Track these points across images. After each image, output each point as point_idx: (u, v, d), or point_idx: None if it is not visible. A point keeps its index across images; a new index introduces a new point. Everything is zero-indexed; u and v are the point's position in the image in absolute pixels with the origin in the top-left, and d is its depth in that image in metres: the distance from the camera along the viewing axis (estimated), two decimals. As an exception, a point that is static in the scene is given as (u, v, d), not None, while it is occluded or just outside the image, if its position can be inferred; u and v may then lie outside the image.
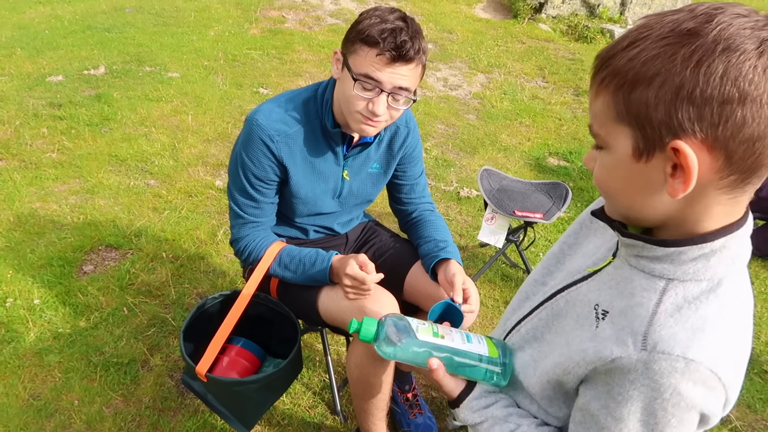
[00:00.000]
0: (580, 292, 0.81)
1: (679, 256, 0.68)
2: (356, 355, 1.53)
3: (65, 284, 2.34)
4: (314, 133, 1.47)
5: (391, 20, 1.28)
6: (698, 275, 0.68)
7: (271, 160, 1.44)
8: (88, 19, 5.37)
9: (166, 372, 2.02)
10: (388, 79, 1.30)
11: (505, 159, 3.73)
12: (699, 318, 0.66)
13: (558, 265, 0.92)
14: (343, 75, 1.36)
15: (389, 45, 1.26)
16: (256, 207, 1.52)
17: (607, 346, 0.70)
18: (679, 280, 0.69)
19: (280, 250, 1.52)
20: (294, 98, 1.47)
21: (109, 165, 3.18)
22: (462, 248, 2.86)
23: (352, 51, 1.32)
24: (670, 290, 0.69)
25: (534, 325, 0.87)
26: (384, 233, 1.80)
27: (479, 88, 4.79)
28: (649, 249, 0.71)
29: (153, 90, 4.03)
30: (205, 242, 2.66)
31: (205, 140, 3.51)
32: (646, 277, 0.72)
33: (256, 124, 1.42)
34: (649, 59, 0.60)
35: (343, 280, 1.40)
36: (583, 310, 0.78)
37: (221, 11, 5.79)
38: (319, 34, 5.47)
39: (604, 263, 0.81)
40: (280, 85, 4.37)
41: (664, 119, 0.60)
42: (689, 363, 0.64)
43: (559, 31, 6.22)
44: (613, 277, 0.77)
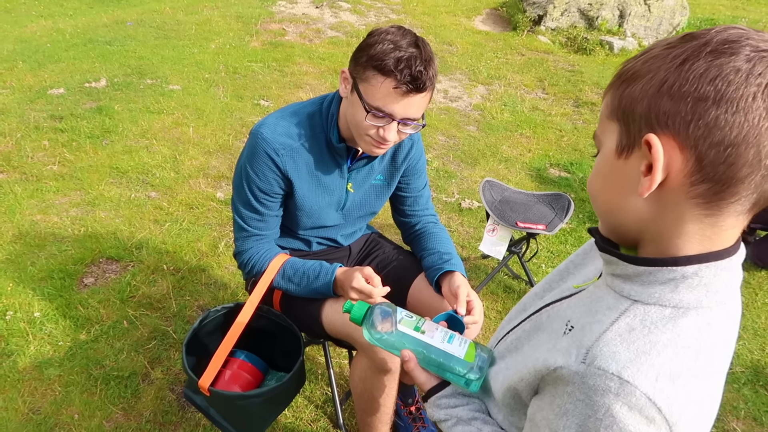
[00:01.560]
0: (561, 308, 0.80)
1: (648, 277, 0.66)
2: (360, 369, 1.51)
3: (66, 297, 2.32)
4: (319, 147, 1.47)
5: (404, 47, 1.26)
6: (663, 300, 0.65)
7: (275, 173, 1.44)
8: (90, 33, 5.40)
9: (167, 385, 2.01)
10: (401, 110, 1.31)
11: (506, 170, 3.73)
12: (647, 342, 0.63)
13: (560, 282, 0.91)
14: (353, 98, 1.35)
15: (405, 78, 1.25)
16: (260, 220, 1.51)
17: (554, 355, 0.69)
18: (643, 303, 0.66)
19: (284, 263, 1.51)
20: (299, 111, 1.47)
21: (110, 177, 3.17)
22: (464, 260, 2.85)
23: (364, 78, 1.30)
24: (630, 312, 0.66)
25: (518, 335, 0.86)
26: (387, 245, 1.80)
27: (479, 99, 4.80)
28: (622, 267, 0.68)
29: (154, 102, 4.04)
30: (206, 254, 2.65)
31: (206, 152, 3.51)
32: (615, 297, 0.69)
33: (261, 138, 1.41)
34: (649, 59, 0.62)
35: (349, 293, 1.38)
36: (558, 326, 0.77)
37: (222, 24, 5.82)
38: (319, 46, 5.50)
39: (590, 282, 0.81)
40: (281, 97, 4.38)
41: (644, 112, 0.61)
42: (623, 384, 0.61)
43: (559, 43, 6.26)
44: (590, 295, 0.75)
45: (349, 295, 1.38)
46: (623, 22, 6.43)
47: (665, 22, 6.55)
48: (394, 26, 1.32)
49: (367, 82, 1.30)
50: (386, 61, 1.25)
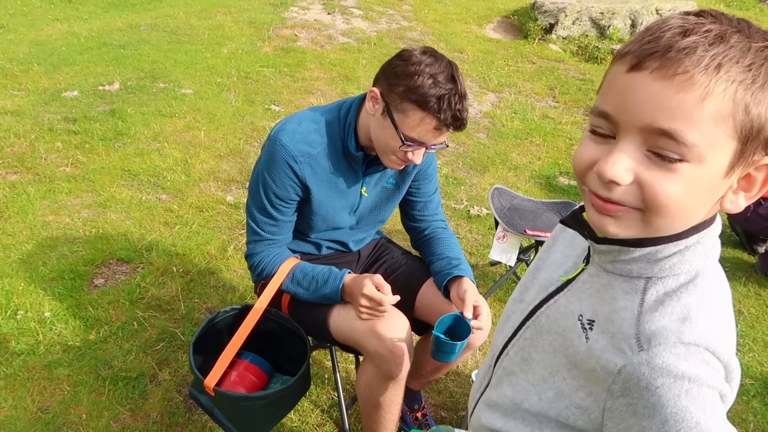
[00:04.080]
0: (560, 305, 0.79)
1: (655, 255, 0.68)
2: (366, 376, 1.52)
3: (76, 297, 2.35)
4: (336, 153, 1.48)
5: (443, 82, 1.29)
6: (675, 270, 0.68)
7: (293, 181, 1.45)
8: (104, 36, 5.46)
9: (175, 387, 2.02)
10: (434, 140, 1.36)
11: (516, 178, 3.73)
12: (682, 307, 0.67)
13: (533, 280, 0.89)
14: (384, 122, 1.37)
15: (447, 119, 1.29)
16: (274, 225, 1.52)
17: (608, 357, 0.68)
18: (657, 277, 0.69)
19: (294, 267, 1.52)
20: (317, 118, 1.48)
21: (122, 179, 3.20)
22: (472, 267, 2.83)
23: (401, 109, 1.32)
24: (650, 288, 0.69)
25: (521, 346, 0.83)
26: (396, 250, 1.80)
27: (489, 107, 4.81)
28: (626, 252, 0.70)
29: (166, 106, 4.08)
30: (215, 257, 2.67)
31: (217, 156, 3.54)
32: (624, 280, 0.71)
33: (279, 144, 1.42)
34: (763, 65, 0.56)
35: (359, 300, 1.39)
36: (567, 323, 0.76)
37: (235, 29, 5.87)
38: (330, 52, 5.53)
39: (577, 271, 0.79)
40: (292, 102, 4.40)
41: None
42: (689, 347, 0.64)
43: (570, 51, 6.25)
44: (591, 285, 0.75)
45: (359, 301, 1.39)
46: (635, 31, 6.41)
47: (677, 32, 6.52)
48: (426, 51, 1.33)
49: (404, 114, 1.32)
50: (428, 100, 1.28)
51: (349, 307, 1.49)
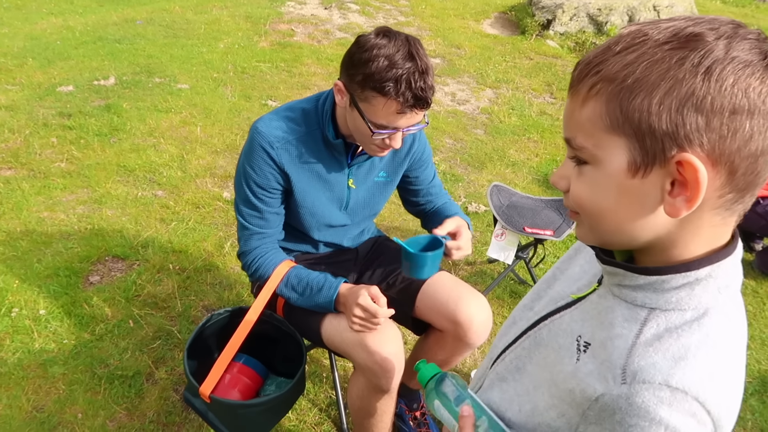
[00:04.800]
0: (563, 321, 0.76)
1: (662, 285, 0.64)
2: (357, 387, 1.51)
3: (71, 295, 2.32)
4: (315, 142, 1.46)
5: (400, 63, 1.23)
6: (682, 304, 0.64)
7: (271, 167, 1.43)
8: (99, 31, 5.42)
9: (171, 386, 2.00)
10: (405, 123, 1.33)
11: (513, 174, 3.72)
12: (681, 347, 0.62)
13: (548, 289, 0.87)
14: (353, 113, 1.35)
15: (409, 100, 1.25)
16: (260, 217, 1.50)
17: (589, 383, 0.65)
18: (662, 310, 0.64)
19: (288, 271, 1.50)
20: (294, 107, 1.48)
21: (118, 175, 3.18)
22: (470, 264, 2.83)
23: (363, 98, 1.29)
24: (651, 320, 0.64)
25: (518, 354, 0.82)
26: (395, 249, 1.78)
27: (487, 103, 4.79)
28: (630, 277, 0.66)
29: (162, 101, 4.05)
30: (212, 254, 2.65)
31: (213, 152, 3.51)
32: (627, 306, 0.67)
33: (256, 132, 1.42)
34: (651, 63, 0.56)
35: (353, 310, 1.37)
36: (565, 341, 0.73)
37: (231, 24, 5.83)
38: (327, 47, 5.49)
39: (589, 290, 0.77)
40: (289, 97, 4.38)
41: (668, 129, 0.56)
42: (674, 392, 0.59)
43: (567, 47, 6.24)
44: (596, 306, 0.72)
45: (353, 311, 1.37)
46: (633, 27, 6.40)
47: (675, 28, 6.51)
48: (380, 32, 1.29)
49: (367, 102, 1.29)
50: (385, 84, 1.24)
51: (341, 317, 1.46)
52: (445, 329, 1.59)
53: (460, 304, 1.54)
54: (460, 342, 1.58)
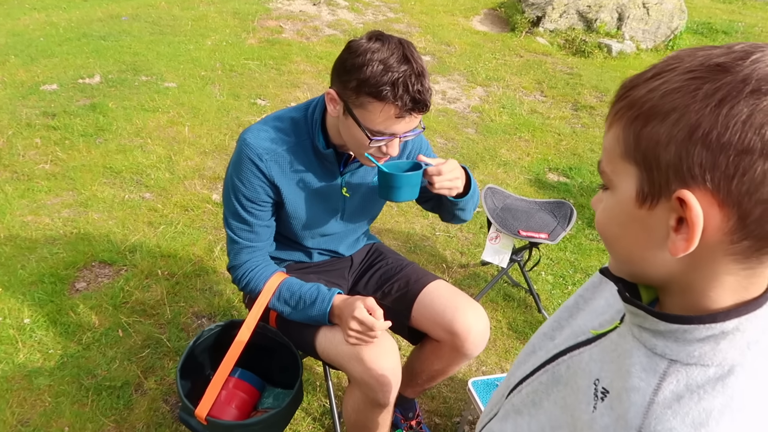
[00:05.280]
0: (582, 359, 0.72)
1: (684, 335, 0.58)
2: (353, 401, 1.48)
3: (57, 302, 2.27)
4: (306, 153, 1.42)
5: (395, 66, 1.20)
6: (705, 359, 0.58)
7: (261, 179, 1.39)
8: (84, 27, 5.31)
9: (161, 396, 1.96)
10: (403, 128, 1.28)
11: (505, 174, 3.69)
12: (701, 411, 0.56)
13: (570, 319, 0.83)
14: (347, 122, 1.30)
15: (407, 104, 1.21)
16: (250, 231, 1.46)
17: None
18: (683, 363, 0.59)
19: (280, 284, 1.46)
20: (283, 117, 1.43)
21: (104, 177, 3.11)
22: (463, 266, 2.81)
23: (359, 104, 1.25)
24: (670, 375, 0.59)
25: (534, 388, 0.78)
26: (390, 256, 1.75)
27: (478, 101, 4.76)
28: (651, 321, 0.61)
29: (149, 100, 3.97)
30: (201, 258, 2.60)
31: (202, 152, 3.45)
32: (647, 354, 0.62)
33: (244, 144, 1.37)
34: (669, 92, 0.53)
35: (349, 323, 1.33)
36: (584, 383, 0.69)
37: (218, 21, 5.75)
38: (317, 45, 5.44)
39: (610, 327, 0.72)
40: (278, 96, 4.32)
41: (673, 161, 0.52)
42: None
43: (557, 45, 6.22)
44: (616, 348, 0.67)
45: (349, 324, 1.33)
46: (622, 24, 6.40)
47: (663, 26, 6.53)
48: (372, 36, 1.25)
49: (363, 108, 1.25)
50: (382, 89, 1.19)
51: (336, 330, 1.43)
52: (442, 339, 1.56)
53: (458, 315, 1.51)
54: (457, 352, 1.55)
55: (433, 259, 2.82)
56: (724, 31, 7.42)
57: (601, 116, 4.70)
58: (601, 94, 5.11)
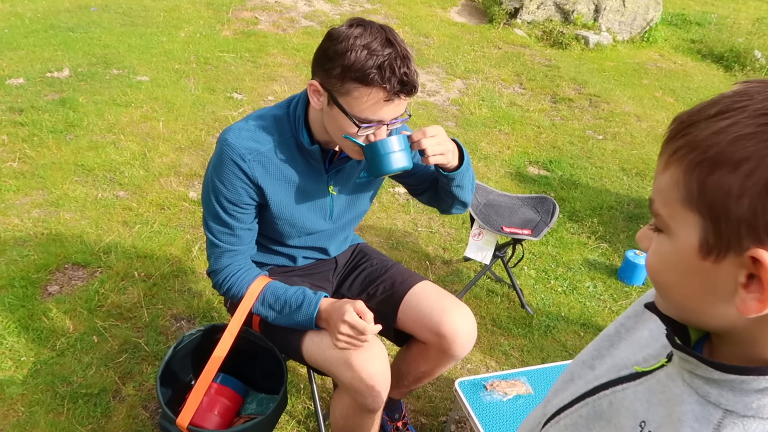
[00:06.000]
0: (626, 397, 0.69)
1: (740, 385, 0.55)
2: (342, 406, 1.45)
3: (28, 307, 2.19)
4: (290, 151, 1.37)
5: (379, 49, 1.16)
6: (763, 412, 0.54)
7: (244, 181, 1.34)
8: (51, 18, 5.14)
9: (140, 402, 1.90)
10: (390, 114, 1.24)
11: (486, 168, 3.68)
12: None
13: (610, 348, 0.80)
14: (332, 112, 1.25)
15: (395, 86, 1.17)
16: (232, 234, 1.41)
17: None
18: (739, 415, 0.55)
19: (264, 288, 1.41)
20: (264, 115, 1.38)
21: (75, 175, 3.01)
22: (446, 263, 2.79)
23: (344, 92, 1.20)
24: (726, 427, 0.55)
25: (574, 421, 0.75)
26: (375, 257, 1.72)
27: (457, 94, 4.74)
28: (704, 369, 0.57)
29: (121, 94, 3.86)
30: (179, 259, 2.54)
31: (177, 148, 3.37)
32: (699, 401, 0.58)
33: (226, 144, 1.32)
34: (740, 137, 0.48)
35: (340, 327, 1.30)
36: (627, 424, 0.66)
37: (191, 11, 5.61)
38: (293, 36, 5.35)
39: (656, 365, 0.68)
40: (255, 90, 4.24)
41: (746, 216, 0.48)
42: None
43: (535, 36, 6.23)
44: (664, 390, 0.64)
45: (339, 328, 1.30)
46: (598, 16, 6.43)
47: (639, 18, 6.58)
48: (352, 23, 1.21)
49: (349, 96, 1.21)
50: (368, 72, 1.16)
51: (323, 334, 1.39)
52: (429, 341, 1.53)
53: (445, 317, 1.48)
54: (444, 354, 1.53)
55: (415, 256, 2.79)
56: (698, 23, 7.52)
57: (580, 108, 4.72)
58: (580, 86, 5.13)
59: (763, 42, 6.57)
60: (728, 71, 6.26)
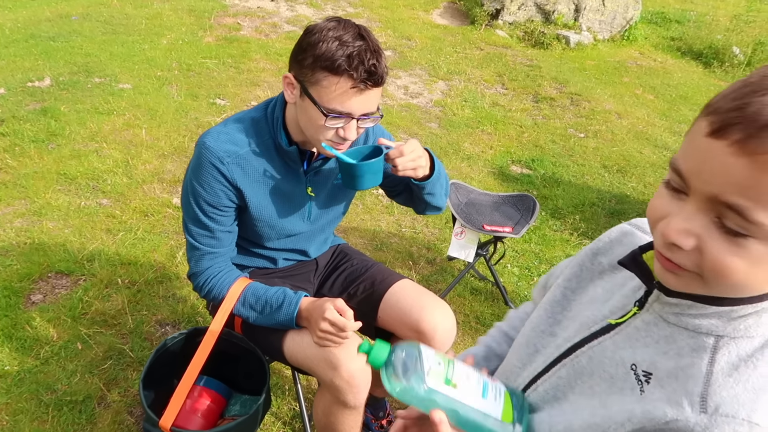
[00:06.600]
0: (606, 348, 0.74)
1: (730, 314, 0.63)
2: (323, 404, 1.46)
3: (11, 316, 2.18)
4: (268, 152, 1.39)
5: (350, 41, 1.20)
6: (750, 332, 0.63)
7: (223, 184, 1.36)
8: (32, 27, 5.12)
9: (125, 408, 1.91)
10: (359, 107, 1.25)
11: (469, 168, 3.71)
12: (759, 377, 0.61)
13: (564, 312, 0.84)
14: (304, 104, 1.28)
15: (362, 75, 1.20)
16: (212, 236, 1.42)
17: (659, 407, 0.64)
18: (730, 337, 0.64)
19: (245, 289, 1.43)
20: (242, 118, 1.40)
21: (58, 184, 3.01)
22: (430, 262, 2.81)
23: (314, 81, 1.23)
24: (722, 348, 0.63)
25: (554, 384, 0.79)
26: (356, 257, 1.74)
27: (440, 95, 4.78)
28: (698, 308, 0.65)
29: (103, 102, 3.86)
30: (163, 265, 2.54)
31: (160, 155, 3.37)
32: (690, 335, 0.66)
33: (204, 147, 1.34)
34: None
35: (320, 324, 1.32)
36: (617, 371, 0.71)
37: (174, 18, 5.61)
38: (276, 41, 5.36)
39: (628, 315, 0.74)
40: (238, 95, 4.25)
41: None
42: (753, 427, 0.58)
43: (516, 37, 6.28)
44: (648, 334, 0.70)
45: (319, 326, 1.32)
46: (579, 16, 6.50)
47: (619, 16, 6.66)
48: (331, 20, 1.25)
49: (318, 85, 1.23)
50: (337, 60, 1.19)
51: (304, 333, 1.41)
52: (409, 338, 1.55)
53: (423, 314, 1.51)
54: (424, 351, 1.55)
55: (399, 256, 2.82)
56: (677, 20, 7.62)
57: (561, 107, 4.77)
58: (561, 86, 5.19)
59: (741, 38, 6.68)
60: (707, 68, 6.35)
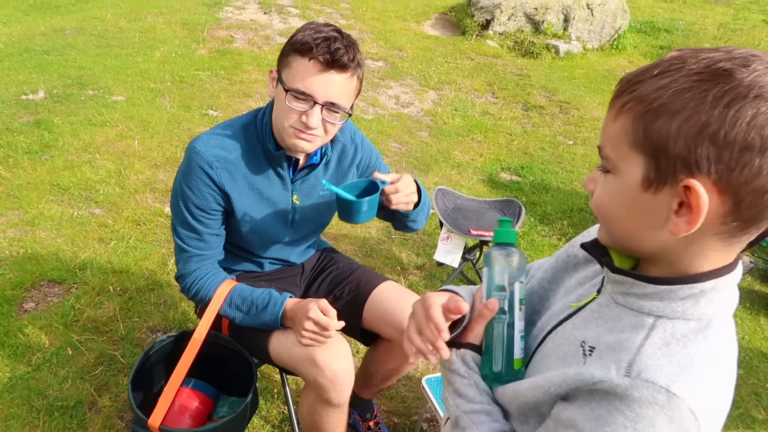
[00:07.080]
0: (565, 330, 0.80)
1: (669, 294, 0.69)
2: (308, 403, 1.49)
3: (4, 324, 2.21)
4: (257, 158, 1.43)
5: (325, 31, 1.29)
6: (687, 314, 0.68)
7: (211, 188, 1.40)
8: (26, 41, 5.17)
9: (116, 413, 1.93)
10: (321, 89, 1.29)
11: (459, 176, 3.76)
12: (687, 355, 0.66)
13: (542, 302, 0.91)
14: (277, 91, 1.35)
15: (322, 50, 1.26)
16: (199, 239, 1.46)
17: (589, 370, 0.69)
18: (668, 318, 0.69)
19: (231, 290, 1.46)
20: (233, 124, 1.45)
21: (51, 194, 3.04)
22: (419, 268, 2.85)
23: (286, 65, 1.31)
24: (658, 326, 0.69)
25: (529, 370, 0.86)
26: (341, 260, 1.77)
27: (431, 105, 4.84)
28: (639, 286, 0.71)
29: (96, 114, 3.90)
30: (155, 273, 2.57)
31: (153, 165, 3.41)
32: (634, 314, 0.71)
33: (194, 152, 1.38)
34: (679, 91, 0.60)
35: (304, 324, 1.35)
36: (570, 348, 0.77)
37: (167, 32, 5.67)
38: (268, 53, 5.42)
39: (588, 299, 0.80)
40: (230, 106, 4.30)
41: (681, 153, 0.60)
42: (671, 397, 0.63)
43: (506, 47, 6.37)
44: (600, 314, 0.76)
45: (303, 325, 1.35)
46: (568, 26, 6.59)
47: (608, 26, 6.75)
48: (320, 22, 1.35)
49: (288, 68, 1.31)
50: (307, 43, 1.27)
51: (288, 333, 1.44)
52: (394, 338, 1.59)
53: (407, 313, 1.53)
54: (408, 351, 1.58)
55: (389, 262, 2.85)
56: (666, 29, 7.72)
57: (551, 115, 4.84)
58: (550, 94, 5.25)
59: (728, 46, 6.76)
60: (695, 75, 6.42)
